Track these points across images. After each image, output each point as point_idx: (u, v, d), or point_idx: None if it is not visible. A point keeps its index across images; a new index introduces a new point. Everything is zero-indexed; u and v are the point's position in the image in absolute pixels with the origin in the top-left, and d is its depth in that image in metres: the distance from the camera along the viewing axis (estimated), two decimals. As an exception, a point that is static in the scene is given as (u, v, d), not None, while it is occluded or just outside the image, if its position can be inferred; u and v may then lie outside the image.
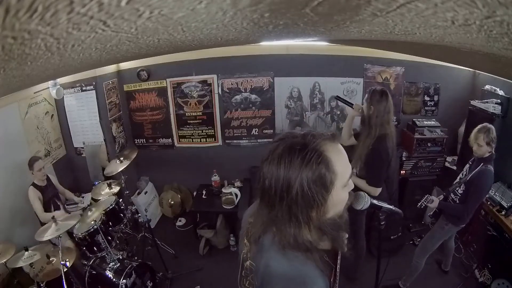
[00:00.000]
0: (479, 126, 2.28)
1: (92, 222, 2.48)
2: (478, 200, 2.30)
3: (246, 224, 0.99)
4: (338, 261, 0.96)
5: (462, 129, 3.51)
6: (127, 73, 3.81)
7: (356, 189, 1.02)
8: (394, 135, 2.31)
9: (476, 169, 2.26)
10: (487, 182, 2.23)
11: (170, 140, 4.10)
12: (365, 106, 2.32)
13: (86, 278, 2.48)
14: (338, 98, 2.83)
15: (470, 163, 2.45)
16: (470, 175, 2.30)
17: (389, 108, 2.25)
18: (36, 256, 2.21)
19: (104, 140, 3.55)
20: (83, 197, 3.36)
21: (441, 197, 2.58)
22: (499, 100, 2.95)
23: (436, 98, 3.78)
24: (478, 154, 2.29)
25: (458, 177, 2.53)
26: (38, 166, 2.64)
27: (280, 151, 0.77)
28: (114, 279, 2.43)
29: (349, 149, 2.54)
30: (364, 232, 2.67)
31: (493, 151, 2.25)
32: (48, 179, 2.84)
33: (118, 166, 2.99)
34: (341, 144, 0.83)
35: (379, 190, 2.30)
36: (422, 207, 2.45)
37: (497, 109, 2.89)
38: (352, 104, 2.53)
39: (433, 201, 2.38)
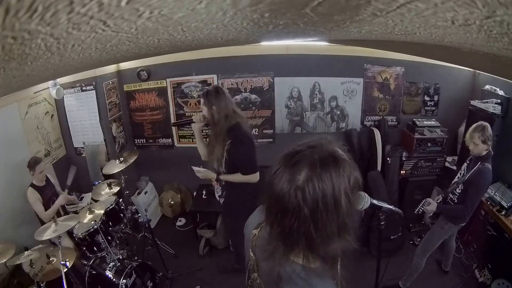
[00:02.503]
0: (474, 125, 2.28)
1: (92, 222, 2.48)
2: (477, 199, 2.30)
3: (250, 236, 0.97)
4: (339, 267, 0.95)
5: (462, 129, 3.51)
6: (127, 73, 3.81)
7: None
8: (245, 120, 2.33)
9: (474, 168, 2.26)
10: (485, 181, 2.23)
11: (170, 140, 4.10)
12: (204, 111, 2.27)
13: (86, 278, 2.48)
14: (174, 124, 2.73)
15: (468, 162, 2.44)
16: (468, 175, 2.30)
17: (228, 99, 2.24)
18: (37, 258, 2.21)
19: (104, 140, 3.55)
20: (82, 197, 3.37)
21: (440, 197, 2.58)
22: (499, 100, 2.95)
23: (436, 98, 3.78)
24: (475, 153, 2.28)
25: (456, 176, 2.53)
26: (39, 169, 2.63)
27: (317, 168, 0.71)
28: (114, 279, 2.43)
29: None
30: None
31: (490, 149, 2.25)
32: (47, 179, 2.83)
33: (115, 167, 2.99)
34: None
35: (257, 174, 2.31)
36: (420, 212, 2.44)
37: (497, 109, 2.89)
38: (192, 120, 2.42)
39: (430, 203, 2.37)
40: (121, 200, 2.98)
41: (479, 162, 2.24)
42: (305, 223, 0.71)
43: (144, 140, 4.13)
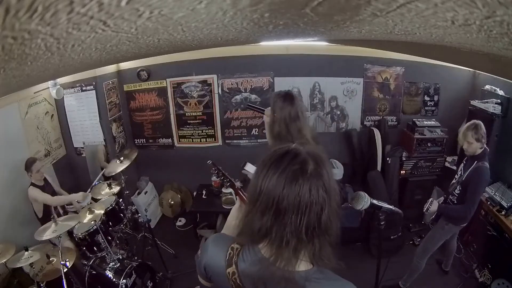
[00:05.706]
0: (466, 124, 2.28)
1: (92, 222, 2.48)
2: (477, 198, 2.28)
3: (221, 277, 0.84)
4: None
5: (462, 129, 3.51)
6: (127, 73, 3.81)
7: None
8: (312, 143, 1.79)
9: (471, 168, 2.26)
10: (483, 179, 2.22)
11: (170, 140, 4.10)
12: (270, 114, 1.86)
13: (86, 278, 2.48)
14: (249, 106, 2.44)
15: (464, 162, 2.44)
16: (466, 175, 2.30)
17: (295, 114, 1.74)
18: (36, 256, 2.21)
19: (104, 140, 3.55)
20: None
21: (442, 199, 2.58)
22: (499, 100, 2.95)
23: (436, 98, 3.78)
24: (469, 152, 2.28)
25: (454, 178, 2.53)
26: (36, 168, 2.63)
27: (317, 164, 0.74)
28: (114, 279, 2.43)
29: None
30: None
31: (485, 147, 2.24)
32: (45, 179, 2.83)
33: (118, 166, 2.99)
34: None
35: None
36: (428, 211, 2.42)
37: (497, 109, 2.89)
38: (263, 111, 2.10)
39: (433, 203, 2.35)
40: (121, 200, 2.98)
41: (475, 161, 2.24)
42: (312, 218, 0.71)
43: (144, 140, 4.13)
